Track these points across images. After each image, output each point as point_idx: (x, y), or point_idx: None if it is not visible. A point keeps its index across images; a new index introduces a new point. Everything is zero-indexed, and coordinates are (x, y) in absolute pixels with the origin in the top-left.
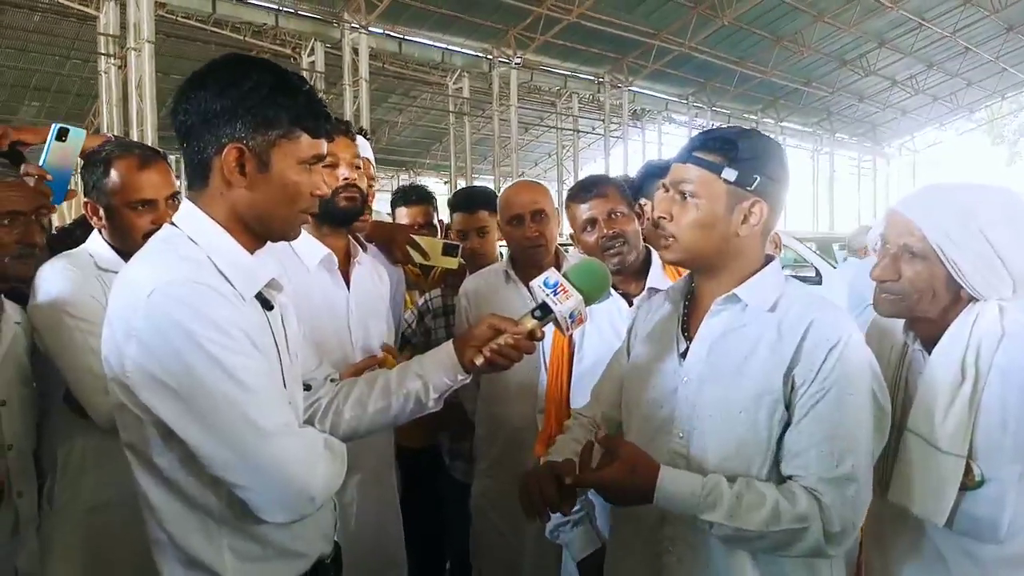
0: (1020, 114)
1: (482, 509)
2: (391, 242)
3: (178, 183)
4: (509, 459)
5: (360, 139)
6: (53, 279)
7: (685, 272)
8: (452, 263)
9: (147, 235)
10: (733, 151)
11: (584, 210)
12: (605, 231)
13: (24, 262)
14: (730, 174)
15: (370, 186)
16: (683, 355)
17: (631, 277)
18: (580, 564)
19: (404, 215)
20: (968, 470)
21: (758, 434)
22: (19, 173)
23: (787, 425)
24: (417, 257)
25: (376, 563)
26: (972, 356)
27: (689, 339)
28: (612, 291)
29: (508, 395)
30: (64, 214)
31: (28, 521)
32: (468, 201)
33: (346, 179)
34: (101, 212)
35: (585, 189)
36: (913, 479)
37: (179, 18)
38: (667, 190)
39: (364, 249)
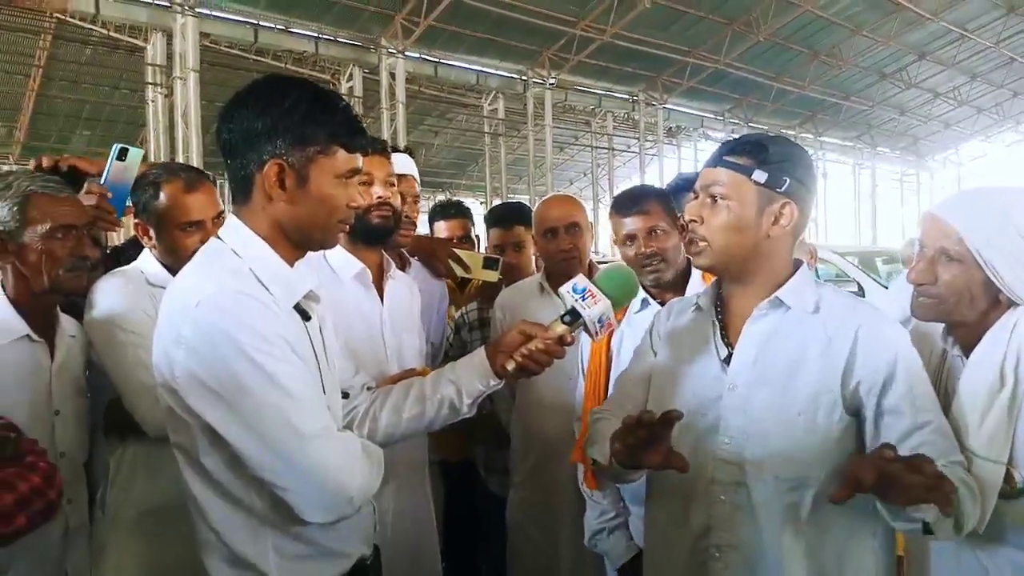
0: None
1: (518, 521)
2: (433, 256)
3: (222, 204)
4: (544, 470)
5: (404, 157)
6: (107, 294)
7: None
8: (493, 276)
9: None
10: (763, 154)
11: (626, 224)
12: (643, 248)
13: (77, 275)
14: (760, 176)
15: (415, 201)
16: (725, 361)
17: (669, 288)
18: (620, 571)
19: (443, 229)
20: (1009, 477)
21: (816, 435)
22: (73, 191)
23: (852, 427)
24: (459, 271)
25: (411, 571)
26: (1012, 361)
27: (729, 346)
28: (651, 301)
29: (543, 407)
30: (130, 229)
31: (78, 527)
32: (504, 216)
33: (380, 197)
34: (151, 232)
35: (628, 204)
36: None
37: (223, 47)
38: (697, 195)
39: (407, 264)
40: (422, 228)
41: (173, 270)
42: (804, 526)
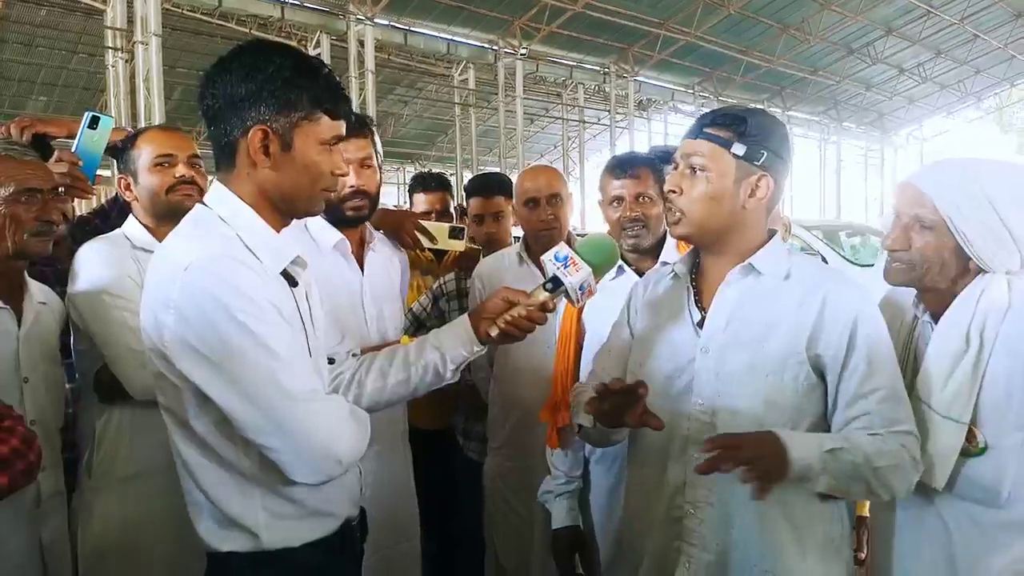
0: None
1: (495, 486)
2: (400, 228)
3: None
4: (520, 438)
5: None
6: (91, 260)
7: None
8: (459, 245)
9: (170, 189)
10: (742, 126)
11: (616, 186)
12: (629, 212)
13: (42, 240)
14: (739, 148)
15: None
16: (699, 325)
17: (647, 255)
18: (554, 533)
19: (423, 201)
20: (972, 437)
21: (784, 396)
22: (39, 157)
23: (819, 389)
24: (426, 241)
25: (391, 534)
26: (978, 326)
27: (703, 310)
28: (626, 267)
29: (520, 376)
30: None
31: (51, 495)
32: (485, 186)
33: (352, 187)
34: (132, 183)
35: (621, 167)
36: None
37: (185, 11)
38: (677, 166)
39: (399, 242)
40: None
41: (157, 232)
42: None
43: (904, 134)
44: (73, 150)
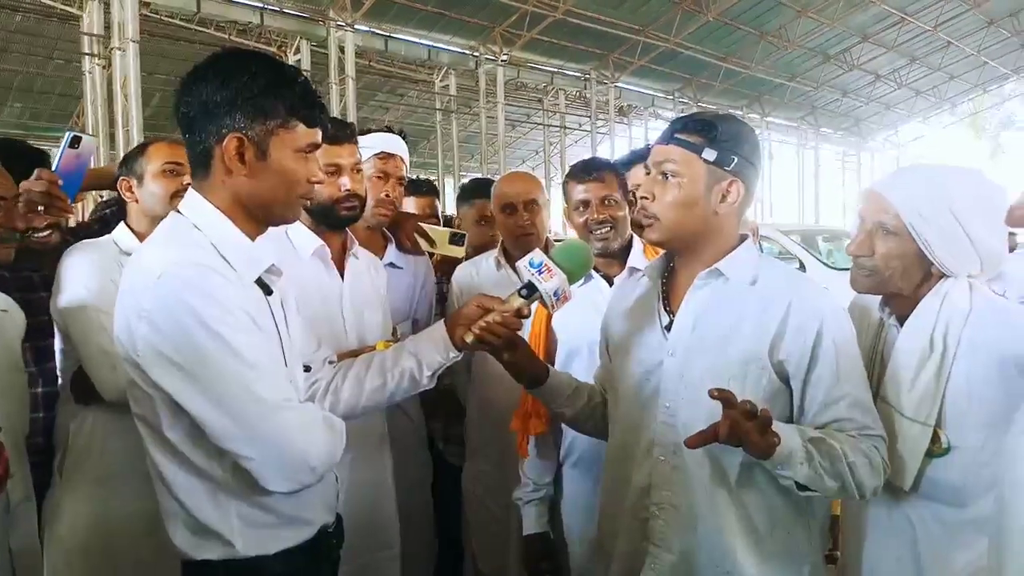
0: (1002, 107)
1: (473, 490)
2: (399, 229)
3: None
4: (498, 441)
5: (394, 137)
6: (74, 263)
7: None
8: (459, 252)
9: (175, 195)
10: (713, 132)
11: (580, 191)
12: (596, 215)
13: (5, 246)
14: (710, 154)
15: (400, 182)
16: (667, 328)
17: (613, 259)
18: (524, 539)
19: (412, 205)
20: (936, 438)
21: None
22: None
23: (784, 395)
24: (425, 245)
25: (369, 542)
26: (941, 330)
27: (671, 314)
28: (594, 273)
29: (498, 380)
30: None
31: (19, 502)
32: (475, 192)
33: (347, 190)
34: (134, 185)
35: (585, 171)
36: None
37: (163, 17)
38: (648, 172)
39: (389, 242)
40: None
41: (145, 239)
42: (735, 485)
43: (880, 139)
44: (53, 169)
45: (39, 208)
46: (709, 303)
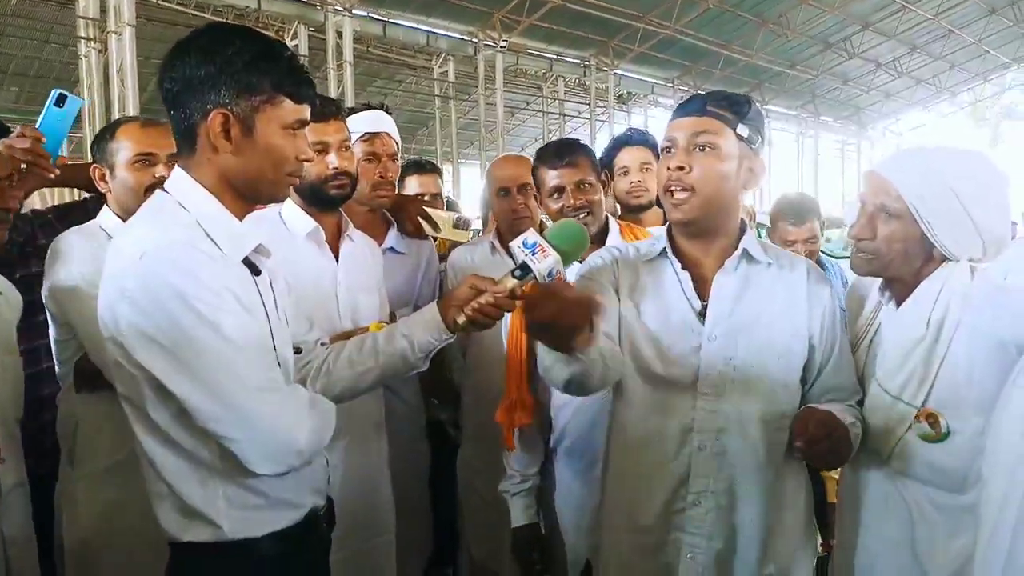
0: (1002, 96)
1: (467, 476)
2: (403, 212)
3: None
4: (492, 427)
5: (380, 113)
6: (66, 250)
7: (643, 236)
8: (463, 236)
9: (148, 189)
10: (744, 109)
11: (553, 176)
12: (572, 201)
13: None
14: (744, 130)
15: (392, 159)
16: (700, 314)
17: (593, 242)
18: (513, 532)
19: (415, 184)
20: (936, 423)
21: (791, 375)
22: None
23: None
24: (428, 229)
25: (362, 528)
26: (940, 313)
27: (701, 297)
28: None
29: (492, 365)
30: (47, 199)
31: (12, 488)
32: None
33: (335, 168)
34: (107, 175)
35: (557, 155)
36: (868, 422)
37: (160, 1)
38: (670, 147)
39: (391, 225)
40: None
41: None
42: (776, 467)
43: (881, 128)
44: (37, 126)
45: (21, 166)
46: (743, 285)
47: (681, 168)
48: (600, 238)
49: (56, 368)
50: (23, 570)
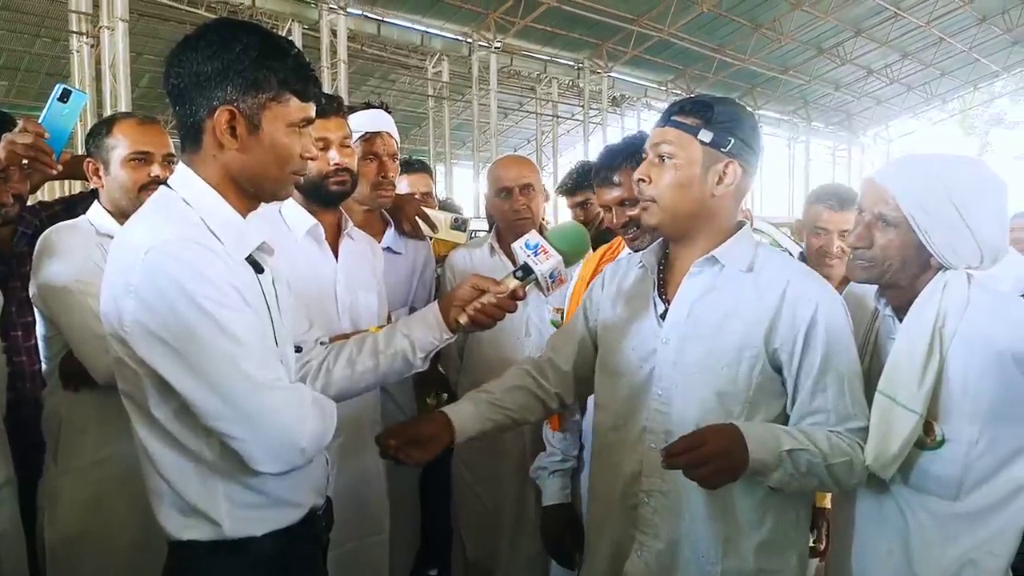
0: (991, 104)
1: (462, 475)
2: (399, 212)
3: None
4: None
5: (380, 112)
6: (54, 245)
7: (624, 248)
8: (460, 238)
9: (143, 188)
10: (709, 114)
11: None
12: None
13: None
14: (706, 135)
15: (393, 158)
16: (662, 316)
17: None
18: (544, 510)
19: (405, 183)
20: (930, 430)
21: (737, 386)
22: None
23: (776, 383)
24: (426, 230)
25: (357, 528)
26: (939, 323)
27: (666, 301)
28: None
29: (490, 365)
30: (55, 190)
31: (1, 484)
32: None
33: (336, 164)
34: (101, 170)
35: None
36: (873, 435)
37: None
38: (646, 156)
39: (389, 225)
40: None
41: (124, 215)
42: None
43: (871, 134)
44: (40, 122)
45: (23, 162)
46: (704, 290)
47: (642, 180)
48: None
49: (43, 365)
50: (12, 566)
